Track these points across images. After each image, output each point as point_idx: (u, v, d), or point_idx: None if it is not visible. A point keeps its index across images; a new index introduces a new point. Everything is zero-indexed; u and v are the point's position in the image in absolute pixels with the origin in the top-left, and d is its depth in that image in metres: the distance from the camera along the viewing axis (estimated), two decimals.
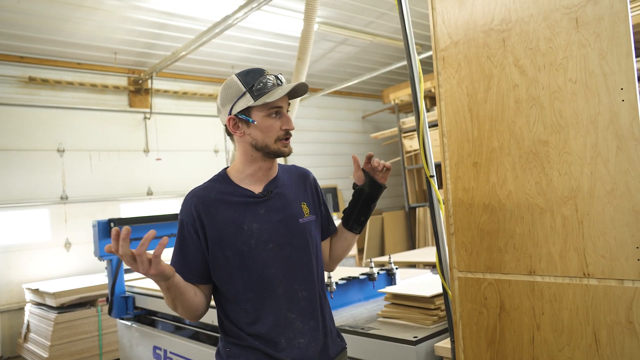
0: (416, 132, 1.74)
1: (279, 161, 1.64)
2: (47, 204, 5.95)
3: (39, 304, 5.25)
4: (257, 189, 1.52)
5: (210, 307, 1.55)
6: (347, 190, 9.00)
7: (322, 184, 1.75)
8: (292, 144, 1.54)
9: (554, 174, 1.39)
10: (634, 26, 4.05)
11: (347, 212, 1.71)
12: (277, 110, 1.47)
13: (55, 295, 4.78)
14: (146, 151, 6.82)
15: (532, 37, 1.43)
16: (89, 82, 6.36)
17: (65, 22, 5.20)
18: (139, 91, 6.79)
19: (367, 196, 1.66)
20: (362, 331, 1.99)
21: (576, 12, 1.34)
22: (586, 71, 1.33)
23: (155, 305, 3.45)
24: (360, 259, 7.45)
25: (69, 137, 6.18)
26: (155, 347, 3.40)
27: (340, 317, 2.27)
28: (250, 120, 1.46)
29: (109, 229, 3.52)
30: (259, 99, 1.44)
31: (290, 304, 1.47)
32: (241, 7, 4.54)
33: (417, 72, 1.74)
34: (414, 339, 1.79)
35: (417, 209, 7.48)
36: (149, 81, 6.72)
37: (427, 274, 2.86)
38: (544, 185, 1.41)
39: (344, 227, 1.71)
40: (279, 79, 1.50)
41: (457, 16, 1.61)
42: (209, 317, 2.78)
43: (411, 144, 7.31)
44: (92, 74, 6.46)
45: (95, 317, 4.96)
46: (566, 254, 1.37)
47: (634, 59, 1.26)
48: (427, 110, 7.23)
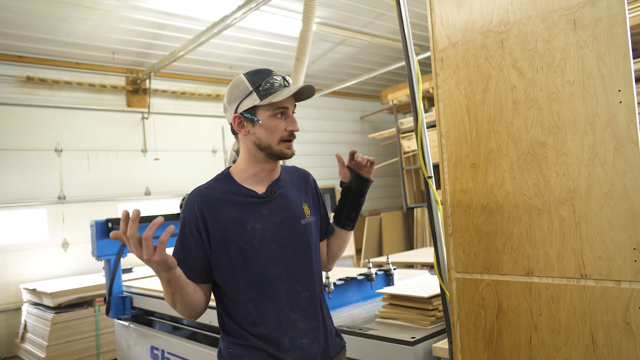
0: (414, 133, 1.75)
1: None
2: (44, 204, 5.94)
3: (36, 304, 5.24)
4: (260, 189, 1.53)
5: (209, 307, 1.54)
6: None
7: (320, 185, 1.76)
8: None
9: (551, 175, 1.39)
10: (632, 28, 4.06)
11: (338, 210, 1.73)
12: (282, 110, 1.49)
13: (52, 295, 4.77)
14: (144, 151, 6.81)
15: (530, 38, 1.44)
16: (87, 82, 6.35)
17: (63, 22, 5.19)
18: (137, 91, 6.79)
19: (355, 192, 1.69)
20: (360, 332, 1.99)
21: (574, 13, 1.35)
22: (584, 73, 1.33)
23: (152, 305, 3.45)
24: (358, 259, 7.45)
25: (67, 137, 6.17)
26: (152, 348, 3.39)
27: (338, 317, 2.27)
28: (255, 119, 1.47)
29: (107, 229, 3.52)
30: (265, 99, 1.45)
31: (292, 305, 1.48)
32: (240, 7, 4.54)
33: (416, 73, 1.74)
34: (412, 340, 1.80)
35: (415, 210, 7.49)
36: (147, 81, 6.71)
37: (425, 274, 2.86)
38: (541, 186, 1.41)
39: (337, 225, 1.74)
40: (286, 80, 1.52)
41: (455, 17, 1.62)
42: (206, 317, 2.78)
43: (409, 145, 7.32)
44: (90, 74, 6.45)
45: (92, 317, 4.95)
46: (563, 255, 1.37)
47: (632, 61, 1.26)
48: (426, 111, 7.24)
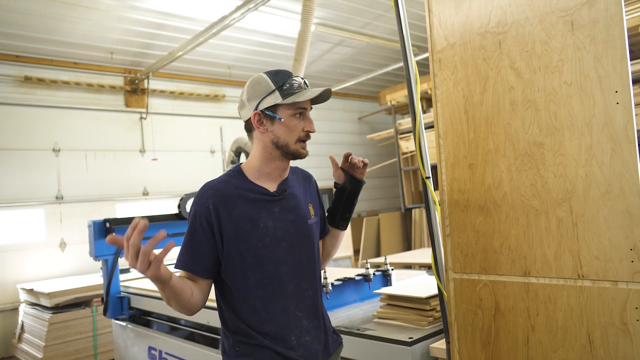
0: (412, 134, 1.75)
1: None
2: (42, 204, 5.93)
3: (33, 304, 5.23)
4: (271, 187, 1.55)
5: (206, 307, 1.55)
6: None
7: (318, 185, 1.78)
8: None
9: (549, 175, 1.40)
10: (629, 29, 4.08)
11: (332, 211, 1.76)
12: (301, 111, 1.52)
13: (49, 295, 4.76)
14: (142, 151, 6.81)
15: (527, 39, 1.44)
16: (85, 82, 6.35)
17: (61, 22, 5.19)
18: (135, 91, 6.78)
19: (349, 193, 1.73)
20: (357, 332, 1.99)
21: (571, 15, 1.35)
22: (581, 74, 1.33)
23: (150, 305, 3.45)
24: (356, 259, 7.45)
25: (65, 137, 6.16)
26: (150, 348, 3.39)
27: (336, 317, 2.27)
28: (276, 117, 1.49)
29: (105, 229, 3.52)
30: (287, 98, 1.47)
31: (298, 303, 1.51)
32: (238, 8, 4.54)
33: (414, 73, 1.74)
34: (410, 340, 1.80)
35: (413, 210, 7.50)
36: (146, 81, 6.71)
37: (423, 275, 2.86)
38: (539, 187, 1.42)
39: (331, 225, 1.77)
40: (306, 83, 1.55)
41: (453, 18, 1.62)
42: (204, 317, 2.78)
43: (407, 146, 7.33)
44: (89, 74, 6.44)
45: (90, 317, 4.94)
46: (561, 255, 1.37)
47: (629, 62, 1.26)
48: (424, 111, 7.25)
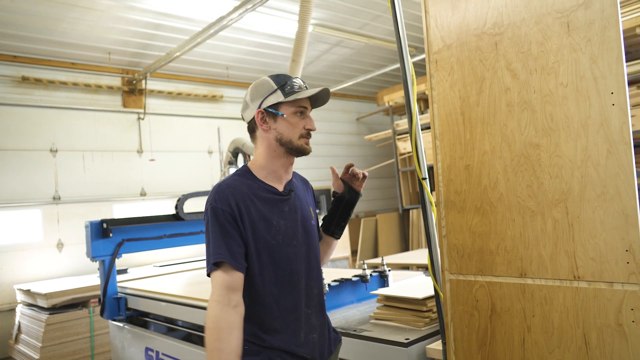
0: (409, 135, 1.75)
1: None
2: (39, 204, 5.92)
3: (30, 305, 5.22)
4: (279, 187, 1.60)
5: (203, 308, 1.54)
6: None
7: (315, 186, 1.81)
8: None
9: (545, 177, 1.40)
10: (626, 31, 4.09)
11: (328, 219, 1.80)
12: (302, 110, 1.57)
13: (46, 296, 4.75)
14: (140, 152, 6.80)
15: (523, 41, 1.44)
16: (83, 82, 6.33)
17: (59, 22, 5.18)
18: (132, 91, 6.77)
19: (347, 203, 1.77)
20: (354, 333, 1.99)
21: (567, 16, 1.35)
22: (577, 75, 1.34)
23: (147, 306, 3.44)
24: (353, 260, 7.45)
25: (62, 137, 6.14)
26: (147, 349, 3.38)
27: (333, 318, 2.27)
28: (279, 113, 1.54)
29: (102, 229, 3.51)
30: (289, 96, 1.54)
31: (307, 300, 1.56)
32: (236, 8, 4.54)
33: (410, 74, 1.74)
34: (406, 341, 1.80)
35: (410, 211, 7.50)
36: (143, 81, 6.69)
37: (420, 276, 2.86)
38: (535, 188, 1.42)
39: (326, 232, 1.81)
40: (305, 85, 1.62)
41: (450, 19, 1.62)
42: (201, 318, 2.78)
43: (405, 146, 7.33)
44: (86, 74, 6.43)
45: (87, 318, 4.93)
46: (557, 256, 1.37)
47: (624, 64, 1.27)
48: (422, 112, 7.25)
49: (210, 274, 1.44)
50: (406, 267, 4.88)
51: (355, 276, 2.63)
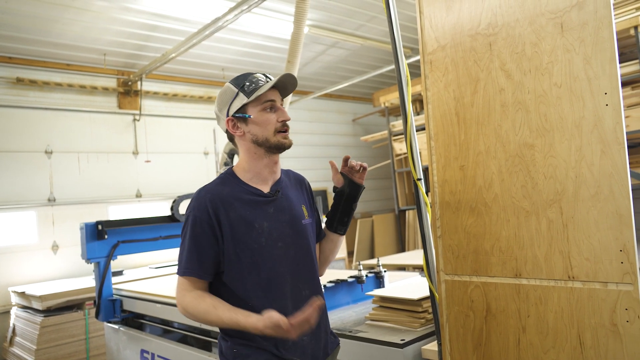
0: (404, 136, 1.75)
1: None
2: (34, 206, 5.89)
3: (25, 307, 5.19)
4: (264, 188, 1.57)
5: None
6: None
7: (312, 187, 1.79)
8: None
9: (539, 177, 1.40)
10: (619, 32, 4.10)
11: (330, 215, 1.76)
12: (271, 104, 1.54)
13: (41, 298, 4.72)
14: (135, 153, 6.77)
15: (518, 41, 1.45)
16: (78, 84, 6.31)
17: (54, 23, 5.16)
18: (128, 93, 6.75)
19: (348, 197, 1.72)
20: (350, 334, 1.99)
21: (561, 17, 1.36)
22: (571, 76, 1.34)
23: (143, 308, 3.43)
24: (350, 261, 7.45)
25: (57, 139, 6.12)
26: (142, 351, 3.37)
27: (329, 319, 2.27)
28: (246, 115, 1.52)
29: (97, 231, 3.49)
30: (251, 95, 1.50)
31: (296, 302, 1.52)
32: (231, 10, 4.53)
33: (405, 75, 1.74)
34: (402, 342, 1.80)
35: (407, 212, 7.51)
36: (139, 83, 6.67)
37: (416, 276, 2.86)
38: (529, 188, 1.42)
39: (329, 229, 1.77)
40: (268, 77, 1.57)
41: (444, 20, 1.62)
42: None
43: (401, 147, 7.34)
44: (81, 75, 6.41)
45: (82, 320, 4.90)
46: (551, 256, 1.38)
47: (618, 64, 1.27)
48: (417, 113, 7.26)
49: (178, 276, 1.51)
50: (402, 268, 4.88)
51: (351, 277, 2.63)
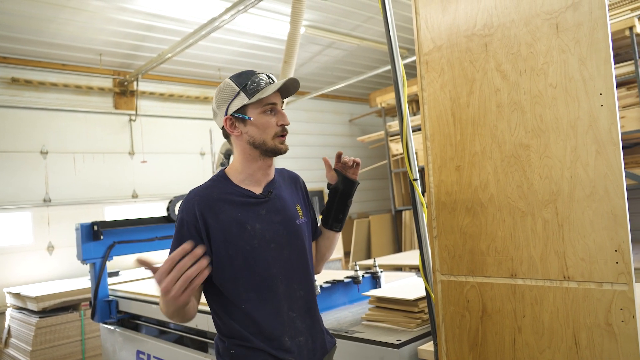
0: (400, 136, 1.75)
1: None
2: (29, 207, 5.86)
3: (20, 309, 5.17)
4: (257, 189, 1.55)
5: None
6: None
7: (308, 187, 1.78)
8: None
9: (534, 177, 1.40)
10: (615, 33, 4.12)
11: (325, 212, 1.75)
12: (272, 107, 1.52)
13: (37, 299, 4.71)
14: (131, 153, 6.76)
15: (513, 42, 1.45)
16: (74, 84, 6.29)
17: (49, 23, 5.14)
18: (124, 93, 6.73)
19: (342, 194, 1.72)
20: (346, 334, 1.98)
21: (556, 18, 1.36)
22: (566, 76, 1.34)
23: (139, 309, 3.42)
24: (347, 262, 7.45)
25: (53, 139, 6.09)
26: (138, 352, 3.36)
27: (325, 320, 2.25)
28: (246, 117, 1.49)
29: (92, 232, 3.48)
30: (253, 96, 1.48)
31: (290, 303, 1.51)
32: (228, 10, 4.53)
33: (401, 76, 1.74)
34: (398, 342, 1.80)
35: (403, 212, 7.52)
36: (135, 83, 6.66)
37: (412, 277, 2.86)
38: (525, 188, 1.42)
39: (324, 226, 1.76)
40: (271, 78, 1.55)
41: (440, 21, 1.63)
42: (193, 321, 2.76)
43: (398, 148, 7.35)
44: (77, 75, 6.38)
45: (78, 321, 4.89)
46: (547, 257, 1.38)
47: (613, 65, 1.27)
48: (414, 114, 7.28)
49: None
50: (399, 268, 4.88)
51: (347, 277, 2.63)
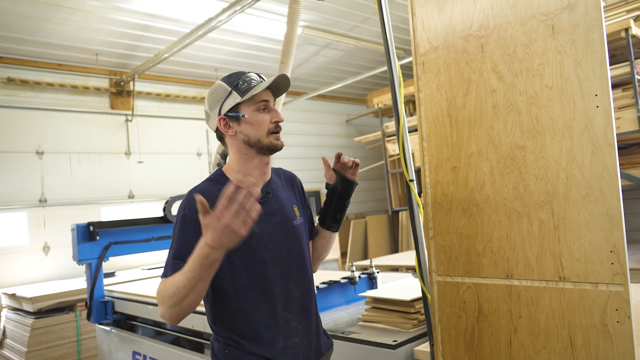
0: (396, 137, 1.75)
1: None
2: (25, 207, 5.84)
3: (15, 309, 5.15)
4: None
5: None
6: None
7: (305, 188, 1.79)
8: None
9: (530, 178, 1.41)
10: (610, 34, 4.14)
11: (323, 212, 1.75)
12: (265, 104, 1.51)
13: (32, 300, 4.69)
14: (128, 154, 6.74)
15: (509, 43, 1.45)
16: (70, 84, 6.27)
17: (45, 23, 5.12)
18: (120, 93, 6.72)
19: (340, 194, 1.72)
20: (342, 335, 1.98)
21: (552, 19, 1.36)
22: (562, 77, 1.35)
23: (135, 310, 3.41)
24: (343, 262, 7.45)
25: (49, 139, 6.08)
26: (134, 353, 3.35)
27: (321, 321, 2.26)
28: (240, 115, 1.49)
29: (88, 232, 3.47)
30: (245, 94, 1.48)
31: (286, 304, 1.51)
32: (224, 10, 4.53)
33: (397, 77, 1.75)
34: (394, 343, 1.80)
35: (400, 213, 7.52)
36: (131, 83, 6.65)
37: (409, 277, 2.86)
38: (521, 189, 1.43)
39: (322, 226, 1.76)
40: (261, 76, 1.55)
41: (436, 21, 1.63)
42: (189, 321, 2.76)
43: (394, 148, 7.35)
44: (73, 75, 6.37)
45: (73, 322, 4.87)
46: (542, 257, 1.38)
47: (608, 66, 1.28)
48: (411, 114, 7.28)
49: (163, 276, 1.41)
50: (395, 268, 4.89)
51: (344, 278, 2.63)
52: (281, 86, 1.56)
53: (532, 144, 1.40)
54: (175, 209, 3.95)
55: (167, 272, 1.40)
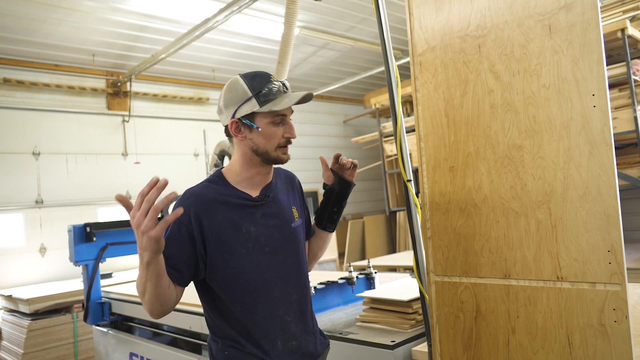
0: (394, 137, 1.75)
1: None
2: (21, 208, 5.82)
3: (12, 311, 5.13)
4: (253, 192, 1.53)
5: (188, 312, 1.52)
6: None
7: (302, 189, 1.78)
8: None
9: (528, 178, 1.41)
10: (607, 35, 4.15)
11: (320, 212, 1.75)
12: (282, 119, 1.47)
13: (28, 301, 4.67)
14: (124, 154, 6.72)
15: (506, 43, 1.45)
16: (66, 84, 6.25)
17: (41, 23, 5.11)
18: (117, 94, 6.70)
19: (338, 195, 1.71)
20: (340, 336, 1.98)
21: (549, 19, 1.36)
22: (559, 77, 1.35)
23: (132, 311, 3.40)
24: (341, 263, 7.45)
25: (45, 140, 6.05)
26: (131, 354, 3.34)
27: (319, 321, 2.25)
28: (254, 126, 1.45)
29: (85, 233, 3.46)
30: (265, 106, 1.43)
31: (285, 307, 1.50)
32: (221, 10, 4.52)
33: (395, 77, 1.74)
34: (392, 344, 1.79)
35: (397, 213, 7.52)
36: (128, 83, 6.63)
37: (406, 277, 2.86)
38: (518, 189, 1.43)
39: (318, 226, 1.75)
40: (285, 86, 1.49)
41: (434, 22, 1.63)
42: (186, 322, 2.75)
43: (392, 148, 7.36)
44: (70, 76, 6.35)
45: (70, 323, 4.85)
46: (540, 257, 1.38)
47: (605, 66, 1.28)
48: (408, 114, 7.29)
49: None
50: (393, 269, 4.89)
51: (341, 279, 2.63)
52: (302, 101, 1.50)
53: (530, 144, 1.40)
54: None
55: None
